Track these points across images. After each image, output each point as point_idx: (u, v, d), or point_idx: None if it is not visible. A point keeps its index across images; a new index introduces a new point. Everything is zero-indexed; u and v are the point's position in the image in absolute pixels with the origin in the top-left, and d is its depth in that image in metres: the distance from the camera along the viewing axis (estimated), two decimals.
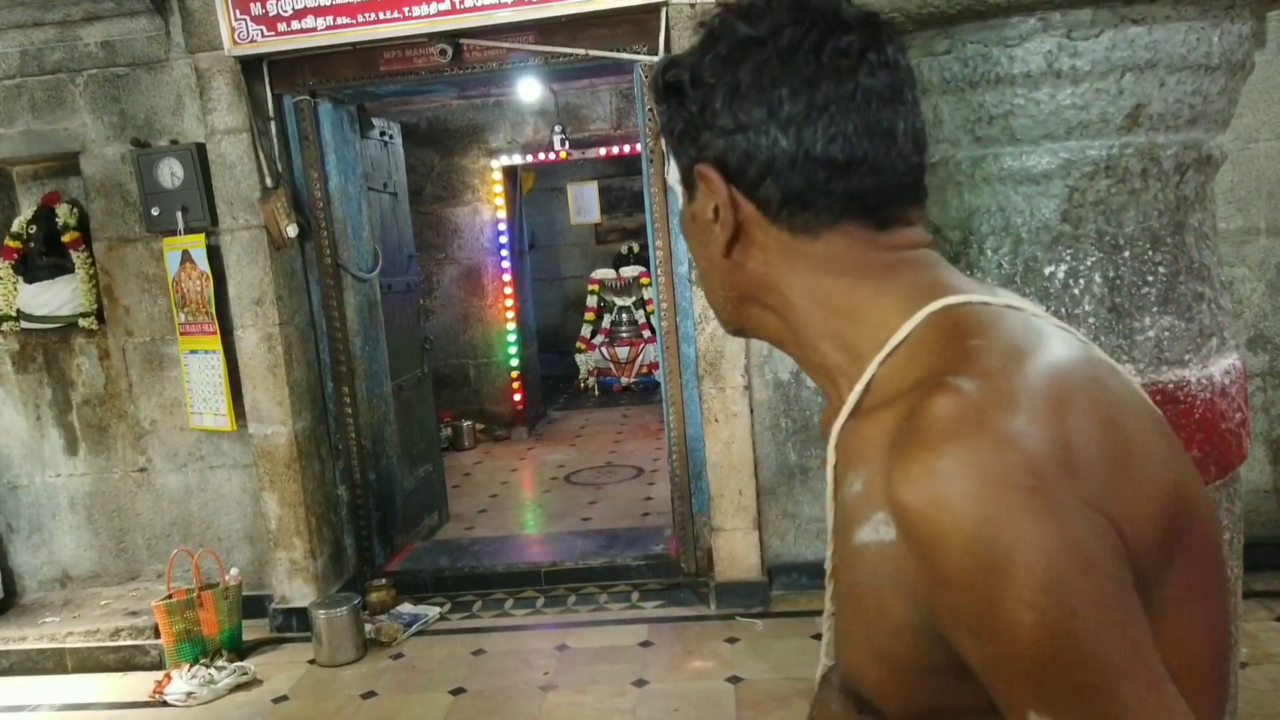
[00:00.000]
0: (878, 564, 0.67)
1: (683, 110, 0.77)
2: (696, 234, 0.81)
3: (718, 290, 0.83)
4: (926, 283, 0.75)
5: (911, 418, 0.65)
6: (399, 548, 4.76)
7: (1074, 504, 0.61)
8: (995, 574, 0.59)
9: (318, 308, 4.30)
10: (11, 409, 4.40)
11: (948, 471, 0.61)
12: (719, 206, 0.77)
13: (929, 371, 0.68)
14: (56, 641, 4.06)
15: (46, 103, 4.11)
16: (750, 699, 3.31)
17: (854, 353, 0.75)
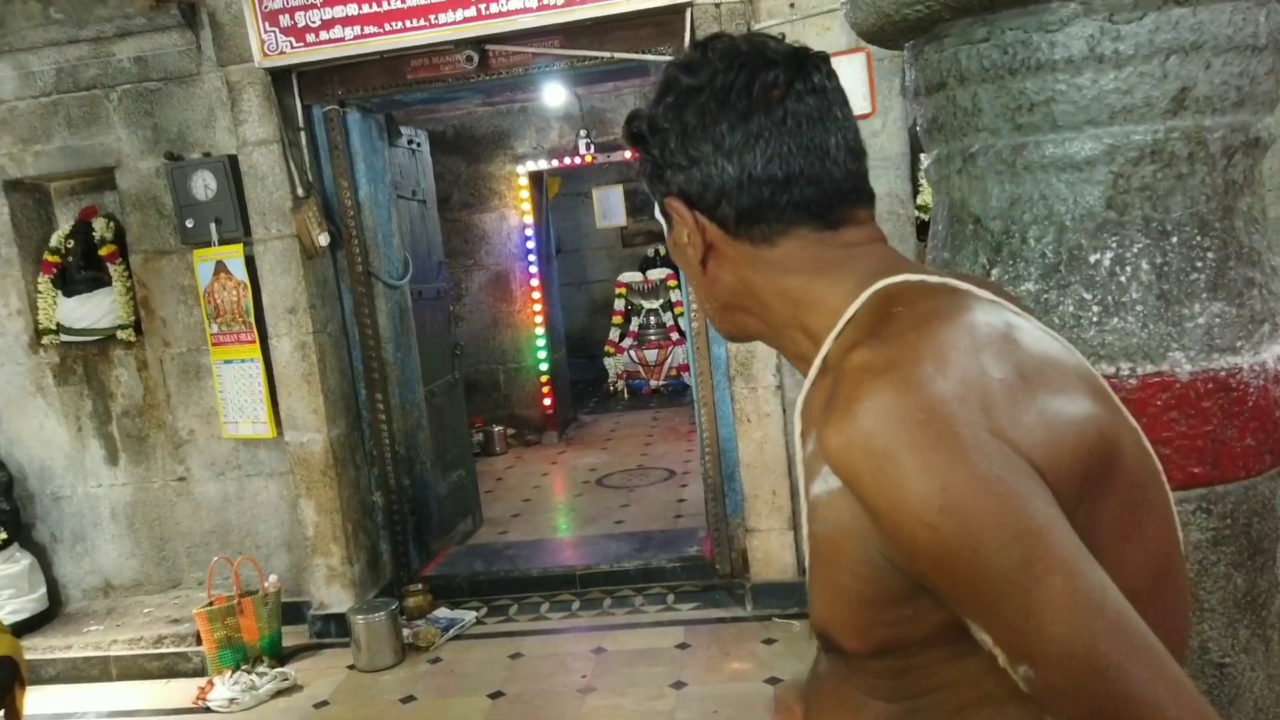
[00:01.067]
0: (829, 512, 0.77)
1: (648, 154, 0.89)
2: (681, 257, 0.91)
3: (705, 301, 0.94)
4: (874, 269, 0.84)
5: (834, 378, 0.76)
6: (434, 553, 4.79)
7: (973, 434, 0.68)
8: (903, 500, 0.68)
9: (350, 315, 4.33)
10: (53, 421, 4.47)
11: (858, 417, 0.70)
12: (689, 231, 0.88)
13: (859, 339, 0.78)
14: (101, 650, 4.12)
15: (82, 119, 4.18)
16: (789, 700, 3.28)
17: (815, 337, 0.85)
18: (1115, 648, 0.66)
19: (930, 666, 0.78)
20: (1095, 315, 1.39)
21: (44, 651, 4.13)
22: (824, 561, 0.79)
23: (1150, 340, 1.36)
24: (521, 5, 3.70)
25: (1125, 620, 0.67)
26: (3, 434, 4.50)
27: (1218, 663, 1.40)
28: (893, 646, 0.78)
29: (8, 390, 4.46)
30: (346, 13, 3.79)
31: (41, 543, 4.56)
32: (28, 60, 4.12)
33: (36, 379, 4.44)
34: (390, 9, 3.77)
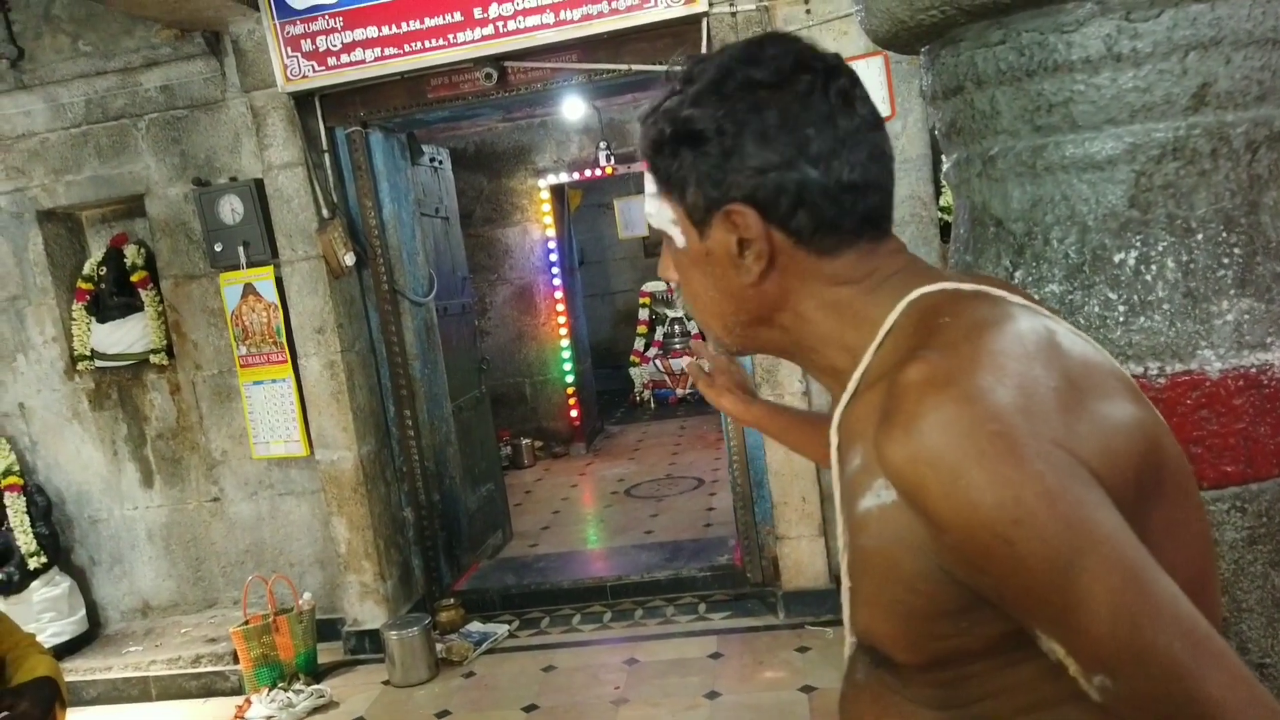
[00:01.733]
0: (881, 526, 0.75)
1: (702, 157, 0.83)
2: (707, 269, 0.87)
3: (728, 317, 0.89)
4: (907, 279, 0.84)
5: (890, 391, 0.74)
6: (465, 567, 4.81)
7: (1038, 444, 0.68)
8: (974, 515, 0.67)
9: (377, 333, 4.37)
10: (90, 445, 4.54)
11: (923, 430, 0.69)
12: (752, 240, 0.83)
13: (905, 351, 0.76)
14: (140, 670, 4.17)
15: (111, 148, 4.26)
16: (825, 708, 3.27)
17: (853, 350, 0.84)
18: (1191, 653, 0.65)
19: (985, 675, 0.77)
20: (1121, 315, 1.38)
21: (85, 673, 4.19)
22: (875, 575, 0.78)
23: (1178, 339, 1.35)
24: (539, 21, 3.73)
25: (1196, 625, 0.67)
26: (41, 460, 4.58)
27: (1257, 663, 1.38)
28: (948, 658, 0.77)
29: (45, 416, 4.54)
30: (367, 35, 3.84)
31: (80, 566, 4.64)
32: (58, 93, 4.22)
33: (72, 405, 4.52)
34: (410, 30, 3.81)
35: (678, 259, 0.90)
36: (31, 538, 4.29)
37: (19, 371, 4.52)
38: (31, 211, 4.36)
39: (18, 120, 4.29)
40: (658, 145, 0.86)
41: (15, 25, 4.19)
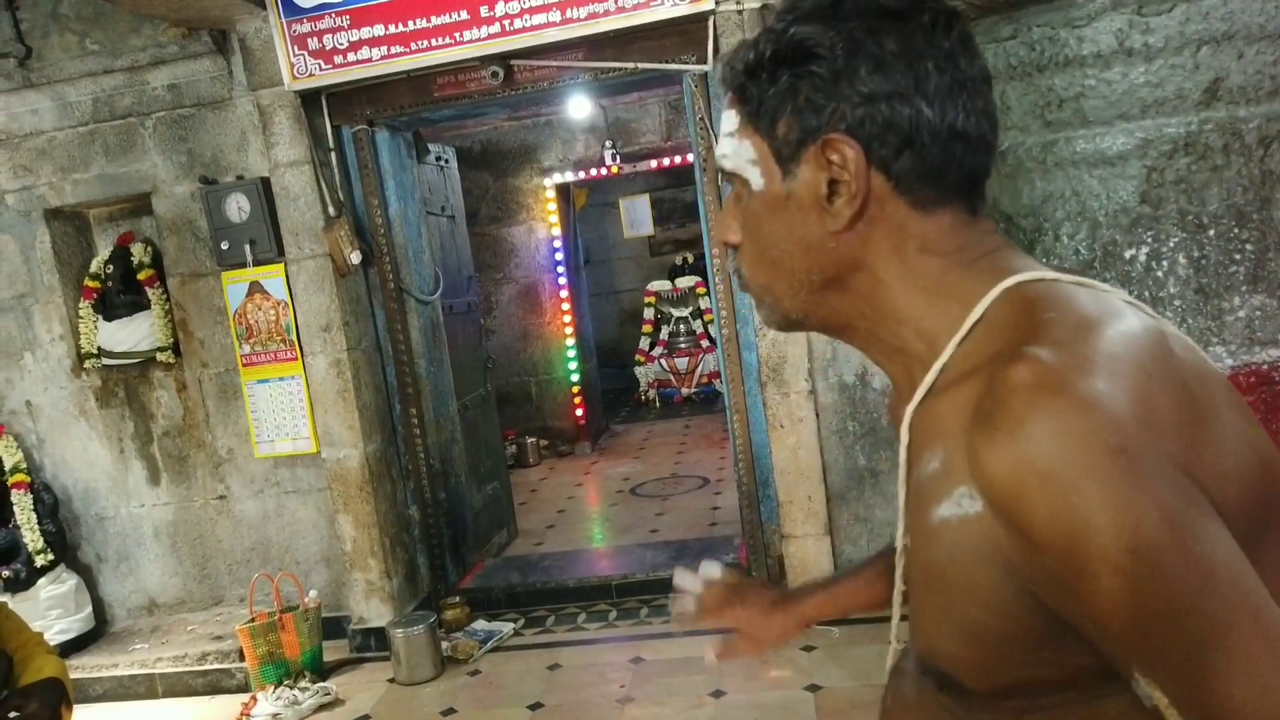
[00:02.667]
0: (961, 537, 0.69)
1: (806, 79, 0.74)
2: (784, 216, 0.78)
3: (798, 274, 0.80)
4: (1001, 263, 0.76)
5: (991, 390, 0.66)
6: (470, 565, 4.81)
7: (1159, 462, 0.61)
8: (1085, 537, 0.60)
9: (383, 332, 4.37)
10: (96, 443, 4.55)
11: (1032, 438, 0.61)
12: (846, 180, 0.74)
13: (1005, 345, 0.68)
14: (147, 667, 4.18)
15: (118, 146, 4.27)
16: (830, 707, 3.26)
17: (930, 336, 0.76)
18: None
19: (1061, 708, 0.70)
20: None
21: (91, 670, 4.20)
22: (947, 592, 0.71)
23: (1189, 334, 1.35)
24: (545, 20, 3.73)
25: None
26: (48, 457, 4.59)
27: None
28: (1023, 688, 0.70)
29: (52, 414, 4.55)
30: (373, 34, 3.84)
31: (87, 563, 4.65)
32: (65, 91, 4.22)
33: (79, 402, 4.53)
34: (416, 28, 3.81)
35: (749, 206, 0.80)
36: (38, 535, 4.30)
37: (26, 369, 4.54)
38: (39, 210, 4.37)
39: (25, 119, 4.30)
40: (753, 68, 0.77)
41: (23, 24, 4.19)
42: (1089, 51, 1.35)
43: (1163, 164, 1.35)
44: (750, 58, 0.78)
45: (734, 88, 0.80)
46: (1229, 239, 1.36)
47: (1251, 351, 1.35)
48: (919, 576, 0.76)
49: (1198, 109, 1.34)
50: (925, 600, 0.76)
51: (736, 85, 0.80)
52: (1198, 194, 1.35)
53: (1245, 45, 1.32)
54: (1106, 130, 1.38)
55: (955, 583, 0.70)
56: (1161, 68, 1.33)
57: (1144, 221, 1.38)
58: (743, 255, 0.83)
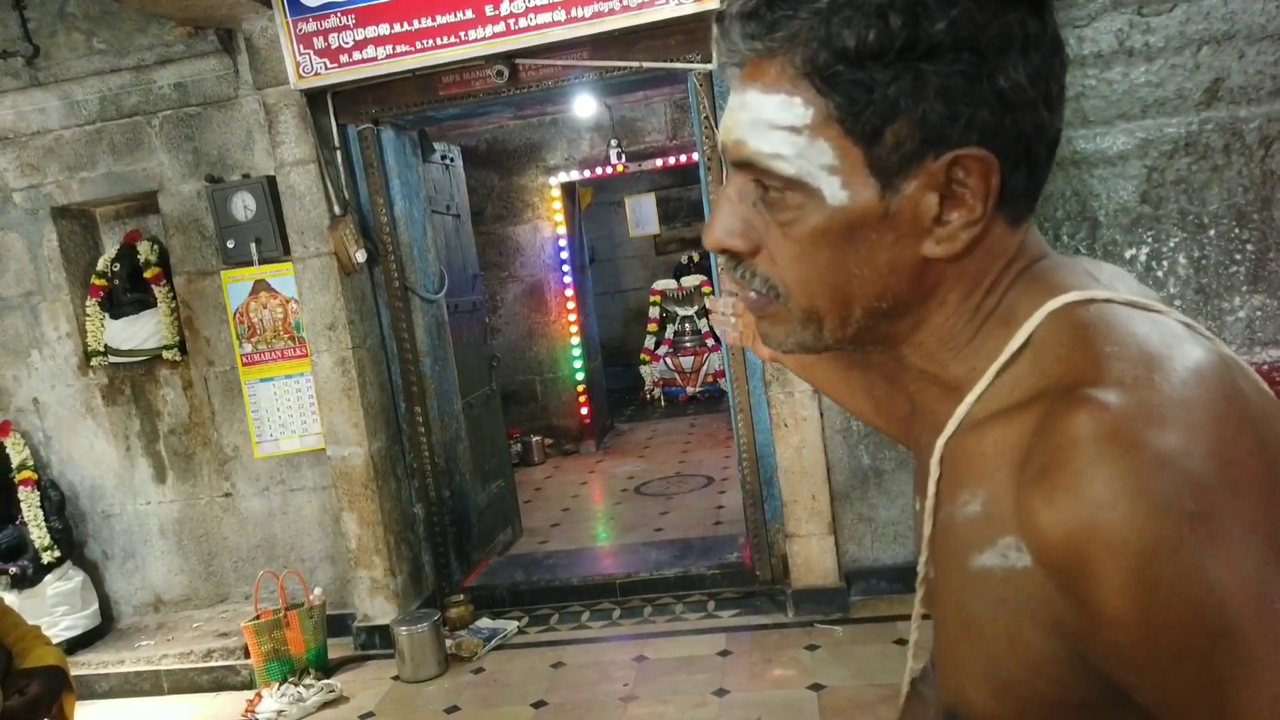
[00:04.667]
0: (1006, 591, 0.62)
1: (946, 76, 0.60)
2: (872, 236, 0.65)
3: (865, 301, 0.67)
4: (1049, 277, 0.68)
5: (1046, 438, 0.59)
6: (475, 563, 4.82)
7: (1244, 533, 0.54)
8: (1160, 614, 0.53)
9: (388, 330, 4.39)
10: (103, 440, 4.57)
11: (1100, 500, 0.54)
12: (969, 203, 0.63)
13: (1058, 382, 0.61)
14: (152, 664, 4.20)
15: (125, 145, 4.28)
16: (833, 706, 3.26)
17: (972, 360, 0.68)
18: None
19: None
20: None
21: (97, 667, 4.22)
22: (986, 646, 0.65)
23: None
24: (550, 19, 3.73)
25: None
26: (55, 454, 4.61)
27: None
28: None
29: (59, 412, 4.58)
30: (379, 32, 3.85)
31: (93, 560, 4.67)
32: (72, 90, 4.24)
33: (86, 400, 4.55)
34: (421, 27, 3.82)
35: (807, 219, 0.65)
36: (45, 532, 4.33)
37: (33, 367, 4.56)
38: (46, 208, 4.39)
39: (33, 117, 4.31)
40: (864, 51, 0.60)
41: (30, 23, 4.21)
42: (1089, 51, 1.35)
43: (1163, 164, 1.36)
44: (863, 35, 0.60)
45: (815, 69, 0.62)
46: (1229, 239, 1.36)
47: (1252, 352, 1.35)
48: (951, 622, 0.69)
49: (1198, 109, 1.34)
50: (959, 649, 0.69)
51: (820, 66, 0.62)
52: (1198, 194, 1.36)
53: (1246, 45, 1.32)
54: (1107, 130, 1.38)
55: (996, 637, 0.64)
56: (1162, 68, 1.33)
57: (1144, 221, 1.38)
58: (781, 271, 0.68)
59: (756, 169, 0.66)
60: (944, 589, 0.70)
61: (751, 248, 0.69)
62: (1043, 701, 0.63)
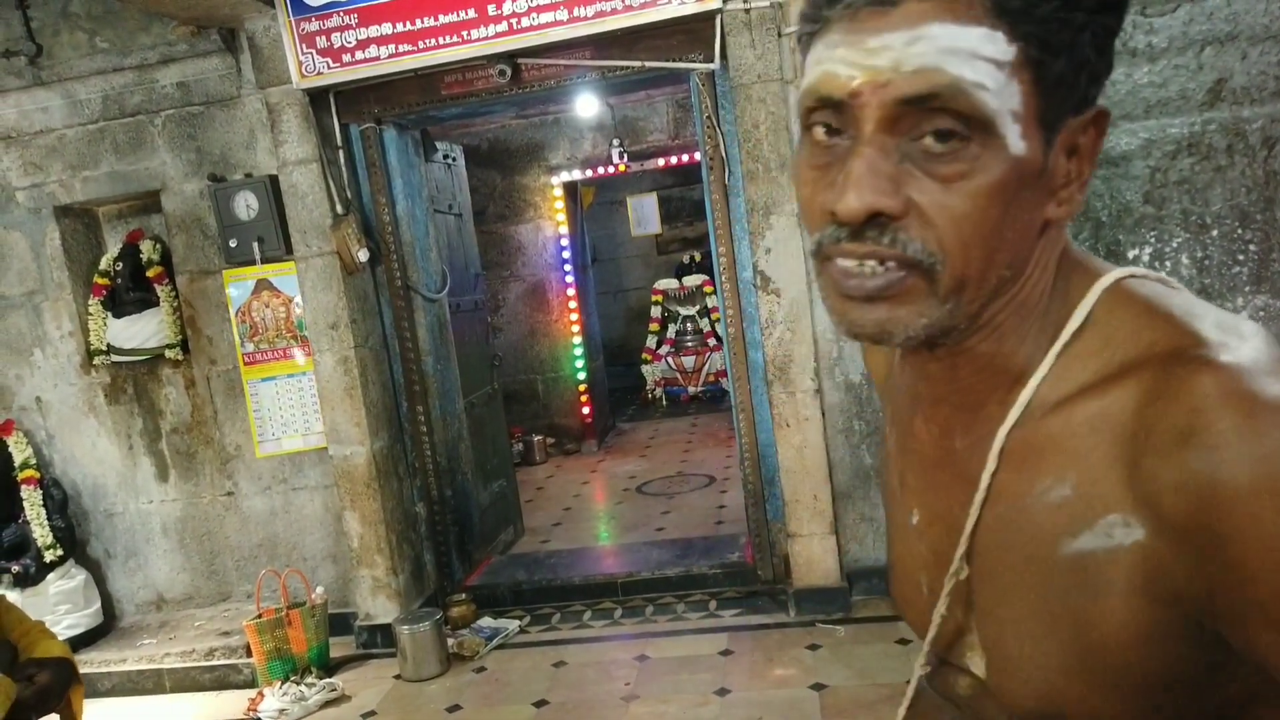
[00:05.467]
0: (1112, 572, 0.61)
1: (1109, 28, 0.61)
2: (1027, 194, 0.63)
3: (1001, 270, 0.64)
4: (1086, 258, 0.68)
5: (1173, 401, 0.58)
6: (477, 563, 4.82)
7: None
8: None
9: (390, 329, 4.39)
10: (105, 439, 4.58)
11: (1241, 457, 0.54)
12: (1087, 162, 0.64)
13: (1149, 351, 0.61)
14: (155, 662, 4.20)
15: (128, 144, 4.29)
16: (835, 706, 3.26)
17: (1037, 341, 0.67)
18: None
19: None
20: None
21: (99, 665, 4.23)
22: (1086, 632, 0.64)
23: None
24: (552, 18, 3.73)
25: None
26: (57, 453, 4.62)
27: None
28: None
29: (61, 411, 4.58)
30: (381, 32, 3.85)
31: (96, 559, 4.68)
32: (75, 89, 4.25)
33: (88, 399, 4.55)
34: (423, 27, 3.82)
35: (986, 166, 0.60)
36: (48, 530, 4.33)
37: (36, 365, 4.56)
38: (49, 207, 4.40)
39: (36, 116, 4.32)
40: None
41: (34, 22, 4.22)
42: None
43: (1166, 164, 1.35)
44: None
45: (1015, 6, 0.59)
46: (1232, 239, 1.36)
47: None
48: (1028, 619, 0.67)
49: (1201, 109, 1.34)
50: (1045, 645, 0.66)
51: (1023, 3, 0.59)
52: (1201, 194, 1.36)
53: (1249, 46, 1.32)
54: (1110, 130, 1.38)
55: (1093, 622, 0.63)
56: (1165, 68, 1.33)
57: (1147, 222, 1.38)
58: (940, 233, 0.61)
59: (948, 102, 0.59)
60: (1012, 586, 0.68)
61: (903, 209, 0.62)
62: (1148, 683, 0.62)
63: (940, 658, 0.79)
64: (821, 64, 0.63)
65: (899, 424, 0.84)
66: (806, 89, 0.64)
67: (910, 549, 0.82)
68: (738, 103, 3.75)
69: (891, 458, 0.86)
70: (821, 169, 0.65)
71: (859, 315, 0.65)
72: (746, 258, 3.89)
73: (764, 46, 3.68)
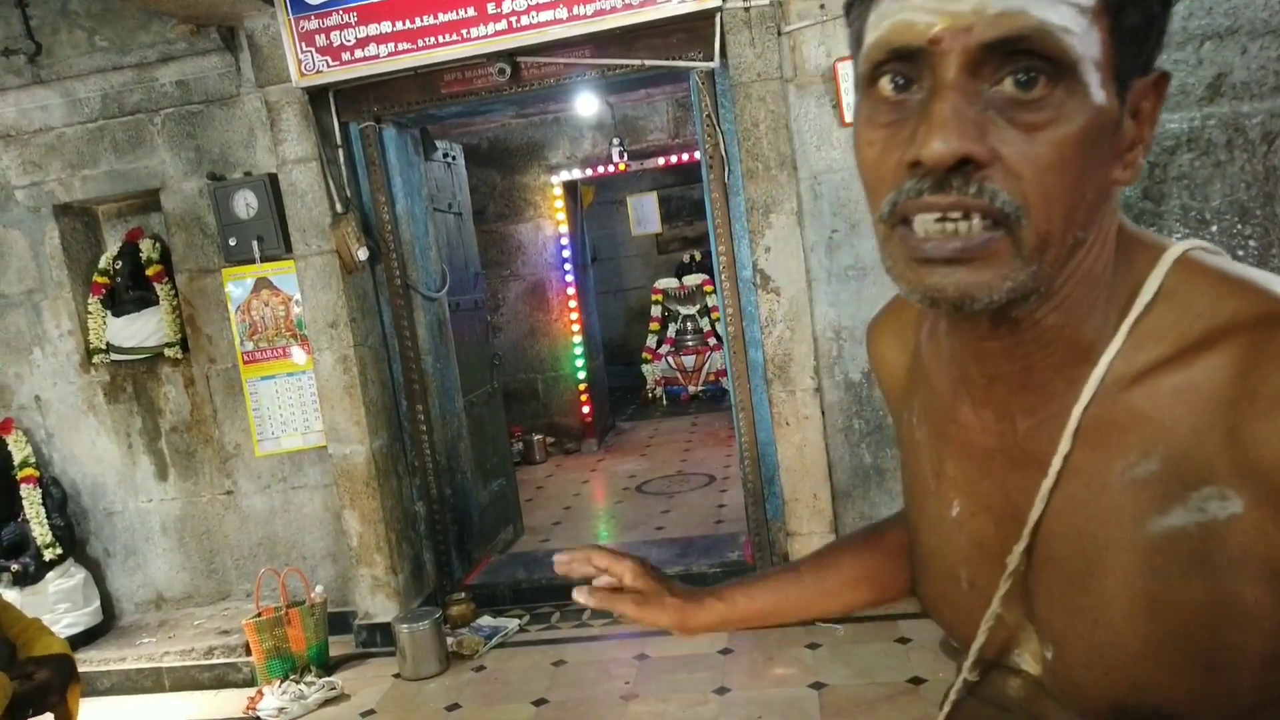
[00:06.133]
0: (1202, 547, 0.59)
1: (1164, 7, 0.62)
2: (1100, 149, 0.61)
3: (1077, 229, 0.62)
4: (1135, 229, 0.68)
5: (1266, 369, 0.57)
6: (476, 561, 4.82)
7: None
8: None
9: (390, 328, 4.39)
10: (105, 438, 4.58)
11: None
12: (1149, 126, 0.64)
13: (1234, 319, 0.60)
14: (154, 661, 4.20)
15: (127, 143, 4.29)
16: (834, 705, 3.26)
17: (1106, 313, 0.65)
18: None
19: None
20: None
21: (99, 664, 4.22)
22: (1187, 615, 0.61)
23: None
24: (552, 17, 3.73)
25: None
26: (57, 452, 4.62)
27: None
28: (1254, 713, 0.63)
29: (61, 409, 4.58)
30: (380, 30, 3.85)
31: (95, 557, 4.67)
32: (75, 88, 4.24)
33: (88, 397, 4.55)
34: (423, 25, 3.82)
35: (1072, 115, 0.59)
36: (47, 529, 4.33)
37: (35, 364, 4.56)
38: (48, 206, 4.40)
39: (35, 115, 4.32)
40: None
41: (33, 20, 4.22)
42: None
43: (1165, 159, 1.35)
44: None
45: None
46: (1232, 235, 1.36)
47: None
48: (1117, 603, 0.64)
49: (1200, 104, 1.34)
50: (1124, 631, 0.64)
51: None
52: (1200, 189, 1.35)
53: (1249, 40, 1.31)
54: None
55: (1192, 602, 0.61)
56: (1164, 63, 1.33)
57: (1146, 217, 1.38)
58: (1024, 185, 0.59)
59: (1034, 45, 0.57)
60: (1085, 571, 0.66)
61: (990, 156, 0.58)
62: (1246, 661, 0.61)
63: (986, 661, 0.76)
64: (892, 16, 0.61)
65: (934, 414, 0.80)
66: (876, 43, 0.62)
67: (948, 543, 0.79)
68: (737, 101, 3.74)
69: (922, 450, 0.82)
70: (891, 126, 0.62)
71: (938, 280, 0.61)
72: (746, 257, 3.89)
73: (764, 45, 3.68)
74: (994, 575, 0.73)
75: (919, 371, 0.84)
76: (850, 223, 3.77)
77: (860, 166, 0.66)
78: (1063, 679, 0.70)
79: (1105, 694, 0.66)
